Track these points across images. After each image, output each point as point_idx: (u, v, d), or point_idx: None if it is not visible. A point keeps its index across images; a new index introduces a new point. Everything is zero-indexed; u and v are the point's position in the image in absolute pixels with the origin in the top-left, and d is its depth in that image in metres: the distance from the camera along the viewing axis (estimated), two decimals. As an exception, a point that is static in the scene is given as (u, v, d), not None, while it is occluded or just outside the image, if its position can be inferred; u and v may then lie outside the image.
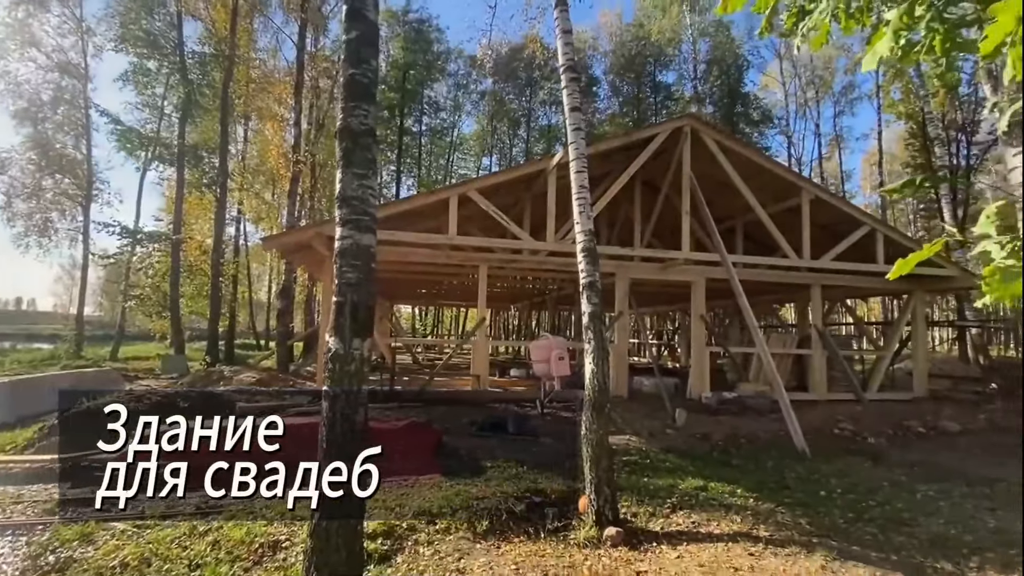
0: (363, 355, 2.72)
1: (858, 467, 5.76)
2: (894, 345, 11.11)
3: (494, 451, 5.81)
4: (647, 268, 9.91)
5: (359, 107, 2.84)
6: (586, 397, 4.31)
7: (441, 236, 8.15)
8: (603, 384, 4.26)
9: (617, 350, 9.56)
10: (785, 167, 9.95)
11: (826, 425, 8.04)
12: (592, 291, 4.49)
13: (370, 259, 2.80)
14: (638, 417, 7.83)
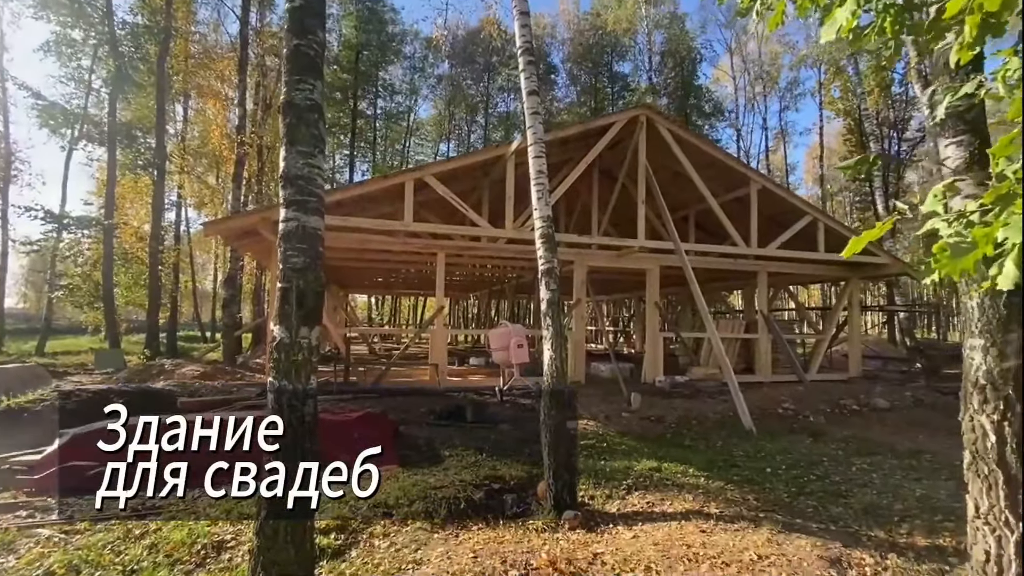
0: (311, 344, 2.58)
1: (799, 444, 6.08)
2: (832, 329, 11.79)
3: (452, 440, 5.76)
4: (604, 256, 10.04)
5: (304, 80, 2.68)
6: (544, 384, 4.31)
7: (397, 222, 7.94)
8: (561, 370, 4.27)
9: (575, 337, 9.68)
10: (736, 158, 10.28)
11: (771, 405, 8.44)
12: (550, 277, 4.48)
13: (317, 242, 2.65)
14: (595, 401, 7.97)
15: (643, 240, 9.26)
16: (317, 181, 2.64)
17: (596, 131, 9.20)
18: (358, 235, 8.55)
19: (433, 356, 8.75)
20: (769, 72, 32.46)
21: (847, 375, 11.53)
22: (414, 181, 8.05)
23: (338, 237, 8.40)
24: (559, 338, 4.33)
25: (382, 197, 8.66)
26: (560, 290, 4.54)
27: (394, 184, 7.98)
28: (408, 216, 7.98)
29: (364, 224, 7.79)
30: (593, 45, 30.54)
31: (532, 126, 4.79)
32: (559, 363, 4.27)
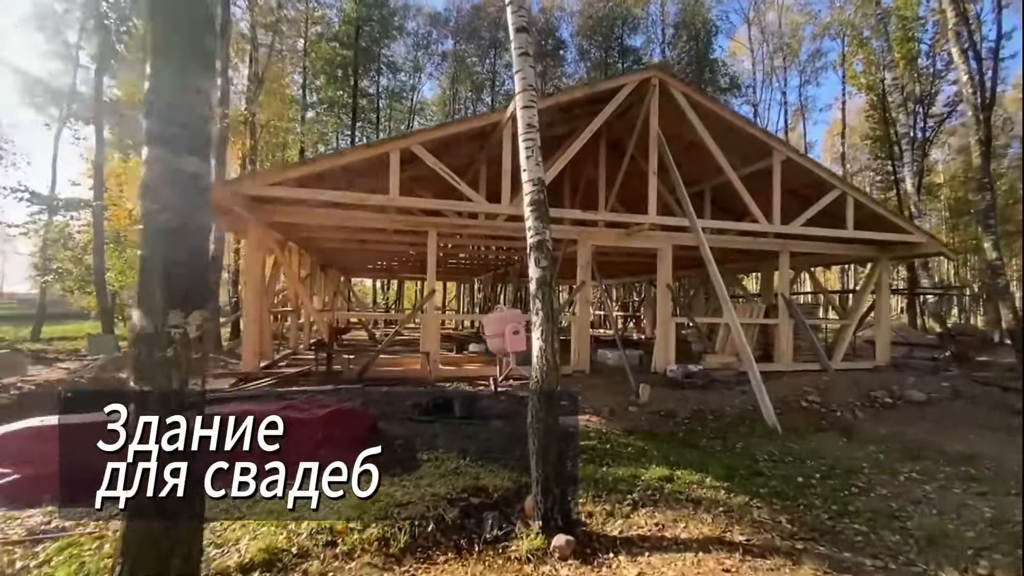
0: (188, 335, 1.88)
1: (831, 444, 5.32)
2: (859, 313, 10.91)
3: (435, 439, 5.08)
4: (611, 235, 9.23)
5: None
6: (533, 379, 3.59)
7: (380, 196, 7.20)
8: (552, 363, 3.54)
9: (579, 322, 8.94)
10: (757, 126, 9.37)
11: (794, 397, 7.67)
12: (541, 253, 3.73)
13: (198, 196, 1.93)
14: (600, 393, 7.25)
15: (654, 216, 8.44)
16: (197, 109, 1.90)
17: (603, 95, 8.32)
18: (342, 211, 7.83)
19: (425, 344, 8.07)
20: (789, 44, 30.90)
21: (874, 363, 10.68)
22: (400, 151, 7.28)
23: (316, 213, 7.70)
24: (551, 324, 3.59)
25: (369, 170, 7.89)
26: (553, 268, 3.79)
27: (378, 154, 7.22)
28: (393, 189, 7.23)
29: (345, 199, 7.07)
30: (604, 17, 29.20)
31: (521, 70, 4.00)
32: (550, 355, 3.54)
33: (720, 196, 11.11)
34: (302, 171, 6.99)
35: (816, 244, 10.26)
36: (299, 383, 7.21)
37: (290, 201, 7.42)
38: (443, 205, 7.69)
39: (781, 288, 10.21)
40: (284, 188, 6.84)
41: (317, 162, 7.14)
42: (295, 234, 9.83)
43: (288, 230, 9.10)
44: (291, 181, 6.95)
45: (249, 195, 6.86)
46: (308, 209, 7.66)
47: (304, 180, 7.08)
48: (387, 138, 8.79)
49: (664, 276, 9.37)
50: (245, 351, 7.54)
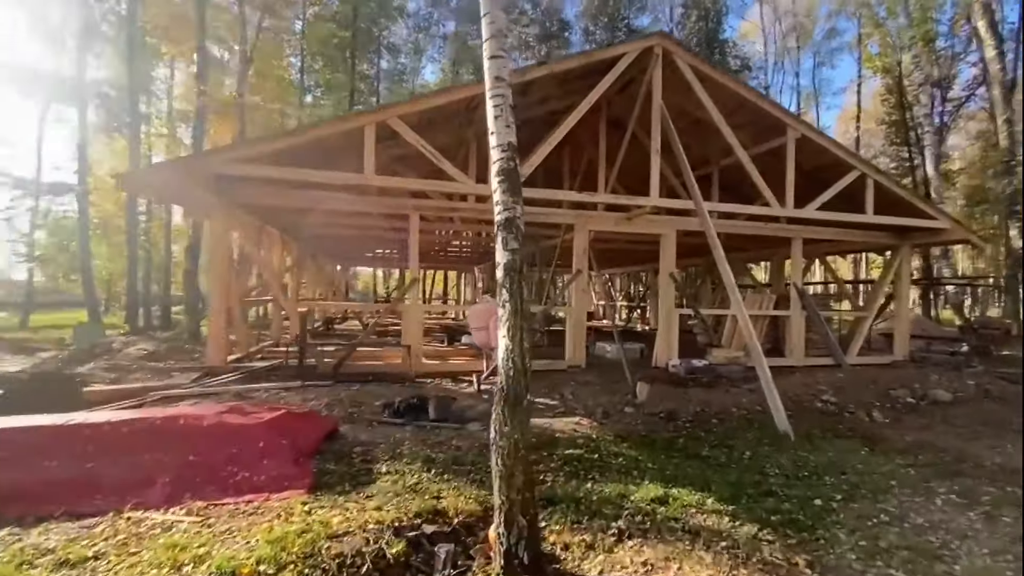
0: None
1: (852, 455, 4.68)
2: (876, 305, 10.19)
3: (400, 446, 4.51)
4: (610, 219, 8.56)
5: None
6: (497, 384, 2.98)
7: (354, 175, 6.57)
8: (522, 365, 2.93)
9: (575, 313, 8.31)
10: (770, 100, 8.60)
11: (807, 396, 7.03)
12: (510, 232, 3.09)
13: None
14: (594, 391, 6.65)
15: (656, 198, 7.74)
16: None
17: (601, 66, 7.60)
18: (316, 192, 7.22)
19: (406, 336, 7.48)
20: (803, 24, 29.71)
21: (891, 358, 10.00)
22: (376, 125, 6.63)
23: (289, 195, 7.08)
24: (520, 319, 2.97)
25: (350, 149, 7.23)
26: (524, 249, 3.15)
27: (352, 128, 6.57)
28: (368, 167, 6.59)
29: (315, 177, 6.44)
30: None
31: (489, 13, 3.33)
32: (519, 356, 2.92)
33: (729, 179, 10.37)
34: (271, 146, 6.35)
35: (832, 230, 9.54)
36: (269, 379, 6.66)
37: (259, 181, 6.80)
38: (424, 185, 7.05)
39: (794, 277, 9.52)
40: (249, 165, 6.22)
41: (286, 137, 6.50)
42: (274, 219, 9.24)
43: (262, 214, 8.50)
44: (258, 158, 6.32)
45: (210, 174, 6.26)
46: (279, 190, 7.04)
47: (276, 157, 6.46)
48: (362, 111, 8.10)
49: (667, 263, 8.70)
50: (210, 344, 7.00)
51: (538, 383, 6.90)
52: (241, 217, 7.80)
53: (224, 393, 5.76)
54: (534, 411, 5.79)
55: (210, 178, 6.43)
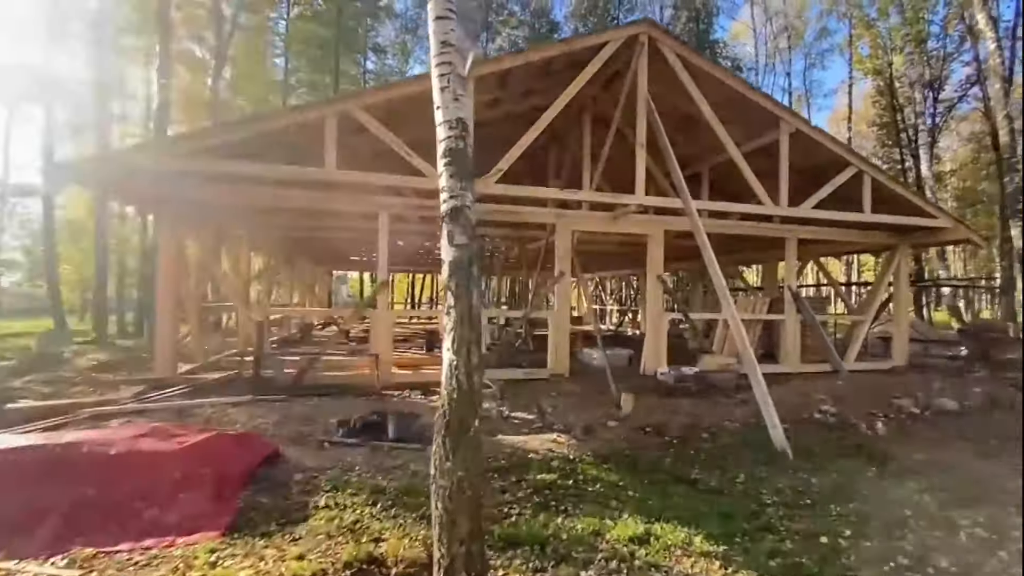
0: None
1: (858, 476, 4.19)
2: (874, 308, 9.77)
3: (349, 472, 3.96)
4: (594, 219, 8.07)
5: None
6: (439, 410, 2.46)
7: (314, 170, 6.03)
8: (468, 385, 2.40)
9: (557, 318, 7.80)
10: (761, 92, 8.17)
11: (805, 406, 6.55)
12: (457, 224, 2.58)
13: None
14: (576, 403, 6.13)
15: (642, 196, 7.26)
16: None
17: (585, 55, 7.13)
18: (276, 190, 6.67)
19: (375, 344, 6.93)
20: (795, 26, 29.55)
21: (890, 363, 9.57)
22: (338, 116, 6.11)
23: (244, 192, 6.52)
24: (467, 328, 2.45)
25: (303, 139, 6.68)
26: (475, 243, 2.63)
27: (312, 119, 6.04)
28: (330, 162, 6.07)
29: (270, 173, 5.91)
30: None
31: (434, -32, 2.82)
32: (464, 374, 2.40)
33: (720, 179, 9.94)
34: (203, 142, 5.78)
35: (827, 230, 9.11)
36: (224, 392, 6.09)
37: (210, 177, 6.25)
38: (392, 181, 6.52)
39: (788, 279, 9.07)
40: (187, 160, 5.67)
41: (236, 127, 5.96)
42: (237, 220, 8.65)
43: (222, 214, 7.93)
44: (199, 152, 5.78)
45: (147, 169, 5.69)
46: (234, 187, 6.48)
47: (231, 151, 5.92)
48: (323, 99, 7.58)
49: (655, 265, 8.22)
50: (156, 354, 6.41)
51: (516, 394, 6.38)
52: (196, 217, 7.24)
53: (163, 410, 5.19)
54: (508, 427, 5.27)
55: (150, 174, 5.86)
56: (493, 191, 6.74)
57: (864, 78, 28.64)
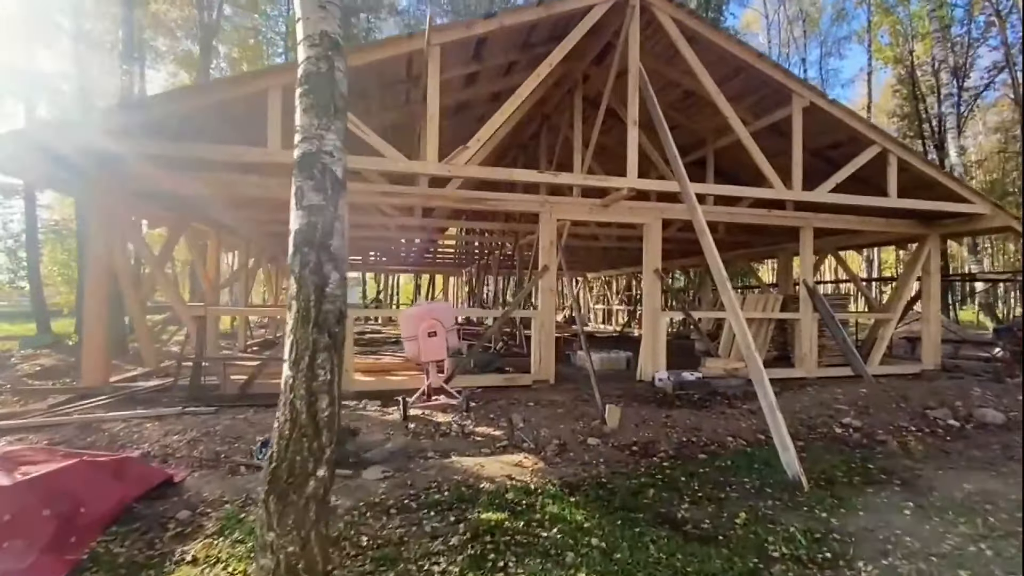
0: None
1: (892, 515, 3.31)
2: (901, 305, 8.76)
3: (250, 507, 3.20)
4: (583, 207, 7.24)
5: None
6: (267, 453, 1.67)
7: (257, 151, 5.30)
8: (311, 415, 1.62)
9: (541, 319, 6.98)
10: (770, 61, 7.24)
11: (822, 418, 5.65)
12: (310, 178, 1.83)
13: None
14: (554, 416, 5.30)
15: (634, 179, 6.41)
16: None
17: (569, 19, 6.32)
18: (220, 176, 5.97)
19: (332, 347, 6.18)
20: (809, 13, 28.31)
21: (919, 367, 8.57)
22: (283, 88, 5.37)
23: (182, 178, 5.81)
24: (311, 329, 1.67)
25: (242, 115, 5.94)
26: (339, 210, 1.84)
27: (254, 92, 5.31)
28: (274, 140, 5.33)
29: (201, 153, 5.19)
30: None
31: None
32: (304, 398, 1.62)
33: (726, 163, 9.04)
34: (147, 115, 5.10)
35: (846, 218, 8.16)
36: (155, 402, 5.39)
37: (146, 159, 5.55)
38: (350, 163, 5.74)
39: (804, 274, 8.13)
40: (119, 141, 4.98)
41: (162, 101, 5.25)
42: (195, 211, 7.95)
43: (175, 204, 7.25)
44: (144, 130, 5.10)
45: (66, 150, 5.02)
46: (172, 173, 5.78)
47: (172, 130, 5.23)
48: (267, 67, 6.81)
49: (652, 258, 7.36)
50: (84, 360, 5.73)
51: (489, 405, 5.59)
52: (143, 207, 6.57)
53: (67, 424, 4.49)
54: (467, 446, 4.47)
55: (73, 155, 5.19)
56: (456, 171, 5.93)
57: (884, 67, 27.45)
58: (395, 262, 21.43)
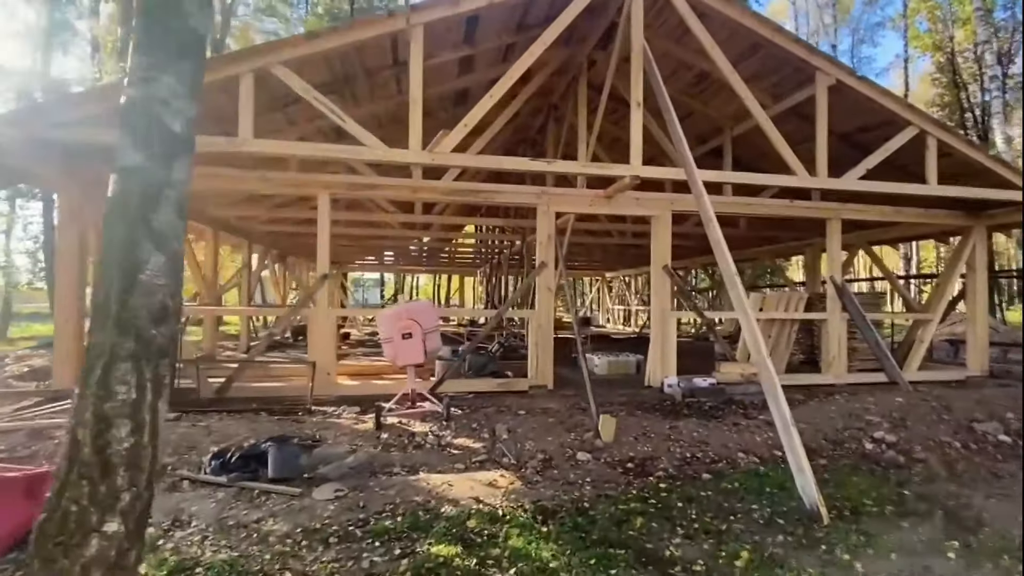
0: None
1: (934, 559, 2.72)
2: (942, 304, 7.93)
3: (174, 531, 2.82)
4: (584, 198, 6.71)
5: None
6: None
7: (221, 140, 4.96)
8: (98, 450, 1.18)
9: (538, 319, 6.48)
10: (791, 35, 6.57)
11: (851, 431, 5.00)
12: (131, 129, 1.36)
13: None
14: (544, 426, 4.80)
15: (639, 166, 5.85)
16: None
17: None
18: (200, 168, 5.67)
19: (313, 350, 5.82)
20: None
21: (964, 373, 7.74)
22: (254, 73, 5.03)
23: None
24: (112, 334, 1.23)
25: (220, 106, 5.64)
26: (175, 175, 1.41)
27: (222, 77, 4.97)
28: (245, 130, 5.00)
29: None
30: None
31: None
32: (91, 427, 1.19)
33: (746, 152, 8.39)
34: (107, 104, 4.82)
35: (878, 208, 7.43)
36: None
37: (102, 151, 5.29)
38: (325, 152, 5.37)
39: (831, 270, 7.42)
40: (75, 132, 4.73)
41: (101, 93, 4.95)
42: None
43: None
44: (95, 119, 4.82)
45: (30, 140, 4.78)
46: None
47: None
48: (236, 51, 6.46)
49: (661, 254, 6.78)
50: (55, 361, 5.53)
51: (476, 413, 5.13)
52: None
53: (18, 431, 4.23)
54: (441, 460, 4.02)
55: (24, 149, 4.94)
56: (445, 162, 5.50)
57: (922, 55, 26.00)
58: (412, 262, 21.21)
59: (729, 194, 7.47)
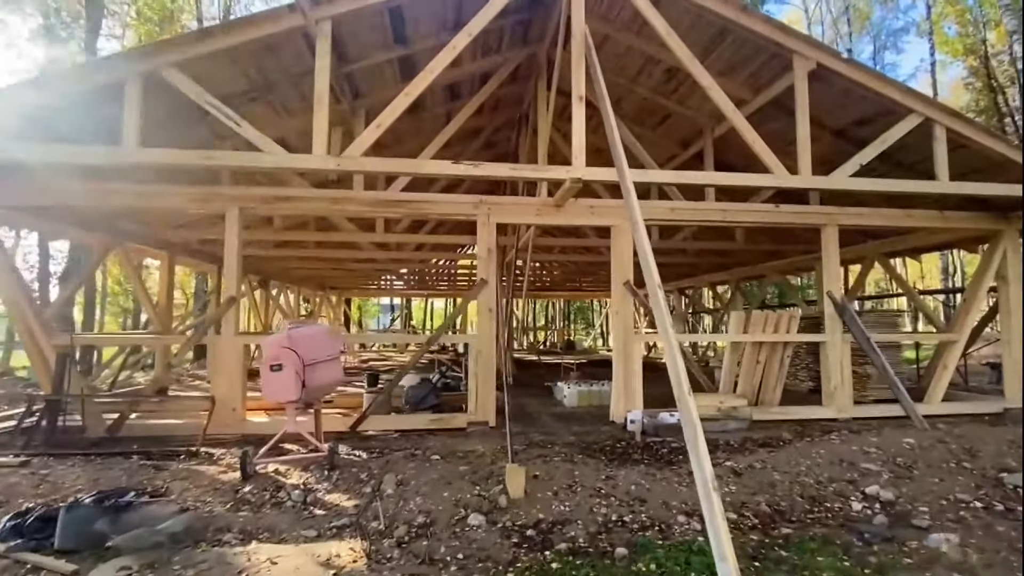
0: None
1: None
2: (969, 322, 6.75)
3: None
4: (530, 208, 5.94)
5: None
6: None
7: (100, 150, 4.46)
8: None
9: (478, 346, 5.68)
10: (761, 15, 5.71)
11: (837, 483, 3.98)
12: None
13: None
14: (451, 476, 3.96)
15: (581, 168, 5.07)
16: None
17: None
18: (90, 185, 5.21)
19: (215, 383, 5.17)
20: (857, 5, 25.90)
21: (1000, 404, 6.52)
22: (142, 76, 4.54)
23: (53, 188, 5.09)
24: None
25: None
26: None
27: (107, 80, 4.50)
28: (130, 138, 4.49)
29: (31, 155, 4.41)
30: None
31: None
32: None
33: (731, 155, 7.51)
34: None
35: (884, 212, 6.41)
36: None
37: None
38: (202, 159, 4.75)
39: (828, 284, 6.40)
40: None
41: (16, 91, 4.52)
42: (94, 226, 7.09)
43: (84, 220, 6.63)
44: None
45: None
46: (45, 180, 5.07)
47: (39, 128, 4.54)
48: (121, 52, 6.04)
49: (621, 269, 5.92)
50: None
51: (374, 459, 4.35)
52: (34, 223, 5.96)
53: None
54: (293, 524, 3.24)
55: None
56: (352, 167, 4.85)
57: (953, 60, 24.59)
58: (423, 287, 20.68)
59: (712, 196, 6.63)
